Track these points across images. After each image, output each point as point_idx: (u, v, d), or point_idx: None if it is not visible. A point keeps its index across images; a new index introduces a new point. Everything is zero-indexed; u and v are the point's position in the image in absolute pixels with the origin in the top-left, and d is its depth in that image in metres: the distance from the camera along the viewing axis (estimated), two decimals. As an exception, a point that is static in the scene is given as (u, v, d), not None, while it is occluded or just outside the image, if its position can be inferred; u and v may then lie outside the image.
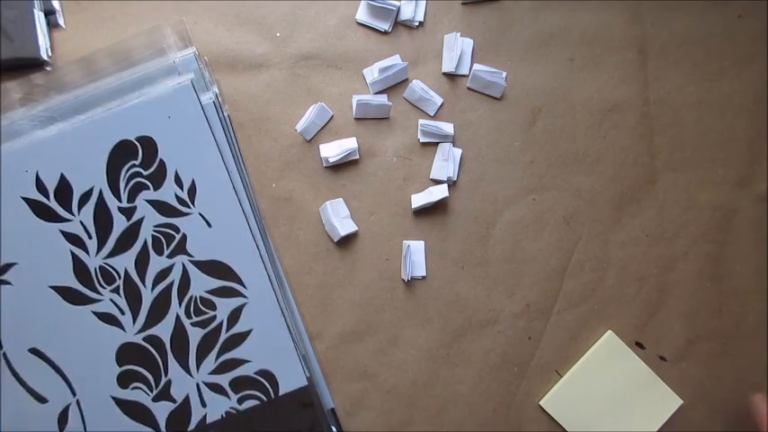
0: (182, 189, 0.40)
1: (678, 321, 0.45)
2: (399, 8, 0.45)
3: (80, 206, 0.39)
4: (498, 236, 0.44)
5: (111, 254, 0.40)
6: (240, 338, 0.40)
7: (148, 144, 0.40)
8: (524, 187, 0.45)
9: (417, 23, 0.45)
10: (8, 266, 0.39)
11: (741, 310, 0.45)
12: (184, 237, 0.40)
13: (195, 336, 0.40)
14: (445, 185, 0.43)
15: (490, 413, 0.43)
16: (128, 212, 0.40)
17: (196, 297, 0.40)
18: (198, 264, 0.40)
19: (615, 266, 0.45)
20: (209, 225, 0.40)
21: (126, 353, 0.40)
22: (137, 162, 0.40)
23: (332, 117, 0.44)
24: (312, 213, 0.43)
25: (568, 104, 0.45)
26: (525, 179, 0.45)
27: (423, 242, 0.44)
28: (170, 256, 0.40)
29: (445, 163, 0.44)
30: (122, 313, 0.40)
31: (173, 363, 0.40)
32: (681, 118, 0.46)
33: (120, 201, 0.40)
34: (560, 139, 0.45)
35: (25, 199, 0.39)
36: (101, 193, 0.40)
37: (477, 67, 0.45)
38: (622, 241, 0.45)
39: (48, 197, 0.39)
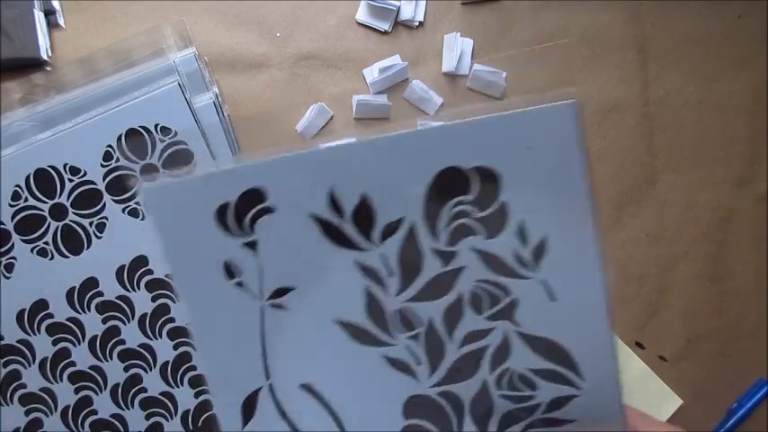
0: (525, 246, 0.32)
1: (678, 321, 0.45)
2: (399, 8, 0.45)
3: (383, 237, 0.32)
4: (498, 236, 0.44)
5: (415, 298, 0.33)
6: (556, 423, 0.34)
7: (488, 178, 0.31)
8: (524, 187, 0.45)
9: (417, 23, 0.45)
10: (284, 290, 0.33)
11: (741, 310, 0.45)
12: (514, 302, 0.33)
13: (501, 407, 0.34)
14: (445, 185, 0.43)
15: (490, 413, 0.43)
16: (445, 257, 0.32)
17: (513, 371, 0.34)
18: (525, 337, 0.33)
19: (615, 266, 0.45)
20: (552, 298, 0.32)
21: (416, 406, 0.34)
22: (468, 198, 0.31)
23: (332, 117, 0.44)
24: (312, 213, 0.43)
25: (568, 104, 0.45)
26: (525, 179, 0.45)
27: (423, 242, 0.44)
28: (490, 318, 0.33)
29: (445, 163, 0.44)
30: (418, 363, 0.34)
31: (468, 424, 0.34)
32: (681, 118, 0.46)
33: (438, 241, 0.32)
34: (560, 139, 0.45)
35: (315, 217, 0.32)
36: (412, 227, 0.32)
37: (477, 66, 0.45)
38: (622, 241, 0.45)
39: (343, 218, 0.32)
